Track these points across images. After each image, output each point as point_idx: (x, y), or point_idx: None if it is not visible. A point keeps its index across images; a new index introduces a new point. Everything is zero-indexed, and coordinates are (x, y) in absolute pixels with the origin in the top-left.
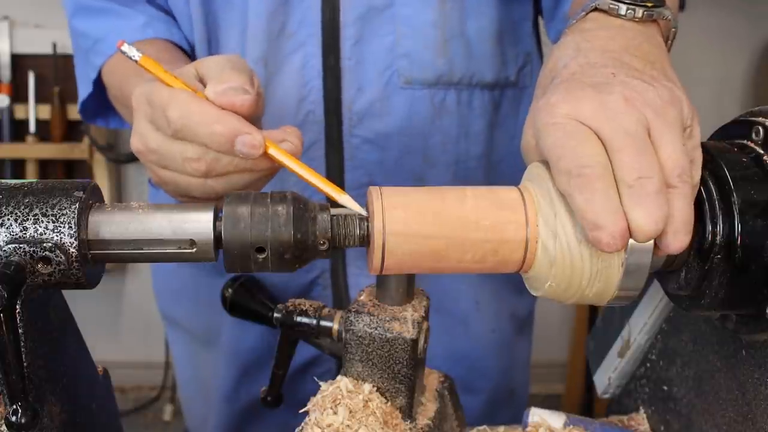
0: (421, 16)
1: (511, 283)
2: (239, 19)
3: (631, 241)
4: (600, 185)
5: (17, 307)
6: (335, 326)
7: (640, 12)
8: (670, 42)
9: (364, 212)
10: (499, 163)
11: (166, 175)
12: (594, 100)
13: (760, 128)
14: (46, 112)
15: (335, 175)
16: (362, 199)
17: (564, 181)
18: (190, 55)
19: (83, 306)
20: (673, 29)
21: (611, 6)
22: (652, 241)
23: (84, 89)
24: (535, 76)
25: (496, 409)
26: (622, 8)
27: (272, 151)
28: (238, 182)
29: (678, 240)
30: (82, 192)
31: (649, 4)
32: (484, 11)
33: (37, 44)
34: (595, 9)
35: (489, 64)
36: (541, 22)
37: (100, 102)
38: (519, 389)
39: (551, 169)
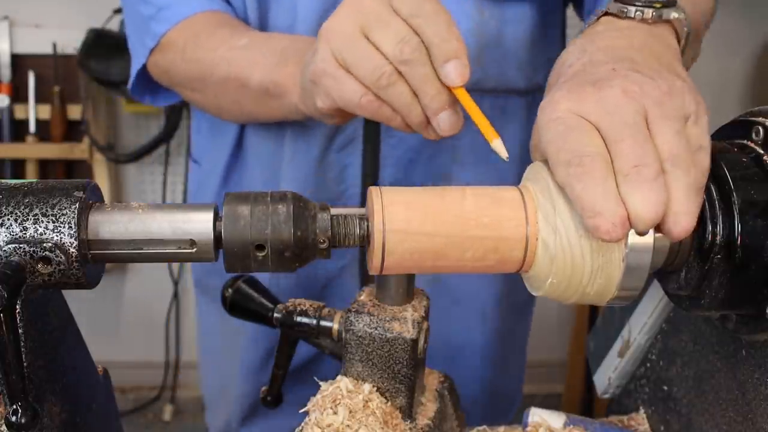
0: (458, 25)
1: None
2: (289, 17)
3: (631, 238)
4: (598, 174)
5: (17, 307)
6: (335, 326)
7: (649, 13)
8: (683, 42)
9: (505, 155)
10: (528, 164)
11: (335, 72)
12: (593, 95)
13: (760, 128)
14: (46, 112)
15: (371, 171)
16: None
17: (562, 172)
18: None
19: (83, 306)
20: (686, 29)
21: (621, 9)
22: (651, 240)
23: (138, 61)
24: None
25: (497, 393)
26: (631, 11)
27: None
28: (383, 115)
29: (679, 224)
30: (82, 192)
31: (658, 5)
32: (521, 20)
33: (37, 44)
34: (606, 14)
35: (522, 71)
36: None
37: (149, 77)
38: (517, 374)
39: (550, 162)
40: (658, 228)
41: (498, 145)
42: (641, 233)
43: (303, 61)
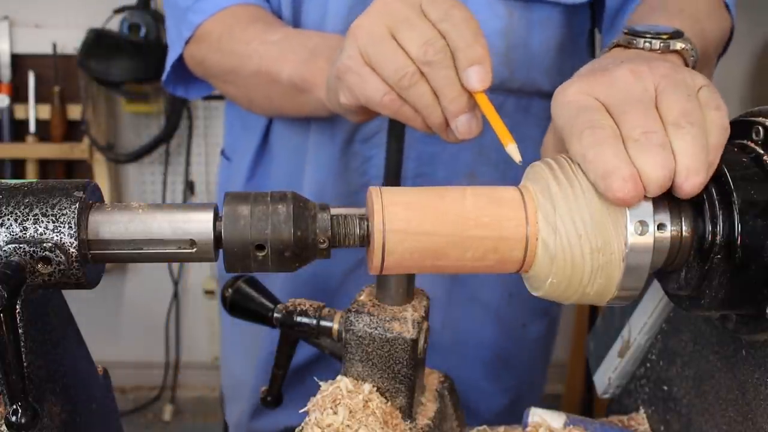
0: (488, 25)
1: None
2: (320, 11)
3: (631, 239)
4: (610, 141)
5: (17, 307)
6: (335, 326)
7: (657, 44)
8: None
9: (518, 159)
10: None
11: (362, 72)
12: (603, 76)
13: (760, 128)
14: (46, 112)
15: (394, 163)
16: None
17: (576, 144)
18: None
19: (83, 306)
20: (692, 58)
21: (630, 41)
22: (651, 240)
23: (174, 52)
24: None
25: (520, 401)
26: (640, 42)
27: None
28: (404, 114)
29: (689, 181)
30: (82, 192)
31: (665, 36)
32: (549, 24)
33: (37, 44)
34: (616, 45)
35: (548, 75)
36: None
37: (183, 69)
38: (538, 382)
39: (565, 140)
40: (670, 187)
41: (512, 150)
42: (652, 195)
43: (333, 58)
